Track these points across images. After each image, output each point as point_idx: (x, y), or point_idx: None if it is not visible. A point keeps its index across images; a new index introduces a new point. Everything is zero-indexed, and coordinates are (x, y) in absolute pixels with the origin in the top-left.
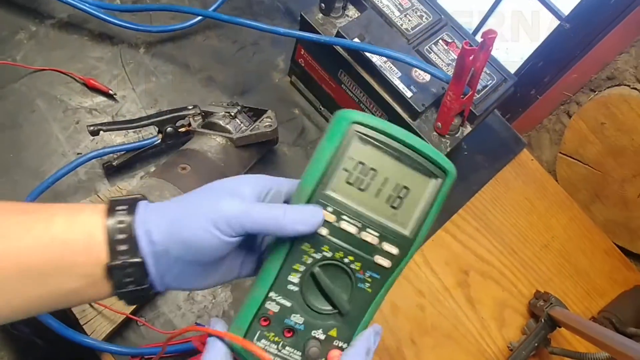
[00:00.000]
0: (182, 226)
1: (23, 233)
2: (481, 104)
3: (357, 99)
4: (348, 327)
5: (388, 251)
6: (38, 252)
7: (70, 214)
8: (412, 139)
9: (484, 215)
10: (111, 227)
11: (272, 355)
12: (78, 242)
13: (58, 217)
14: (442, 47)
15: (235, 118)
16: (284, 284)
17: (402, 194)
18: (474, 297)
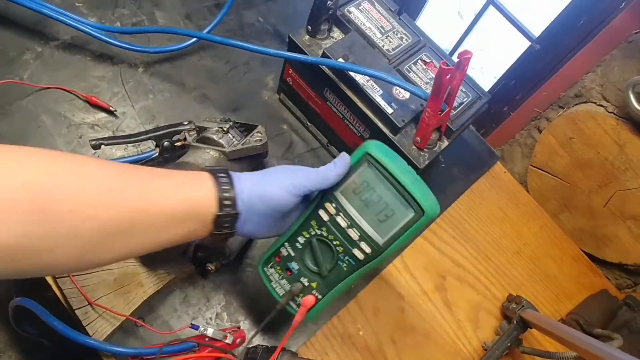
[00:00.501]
0: (264, 187)
1: (171, 192)
2: (457, 120)
3: (342, 115)
4: (324, 287)
5: (363, 249)
6: (179, 205)
7: (195, 178)
8: (406, 177)
9: (460, 224)
10: (219, 189)
11: (274, 280)
12: (201, 199)
13: (188, 181)
14: (421, 67)
15: (228, 133)
16: (294, 241)
17: (388, 213)
18: (451, 300)
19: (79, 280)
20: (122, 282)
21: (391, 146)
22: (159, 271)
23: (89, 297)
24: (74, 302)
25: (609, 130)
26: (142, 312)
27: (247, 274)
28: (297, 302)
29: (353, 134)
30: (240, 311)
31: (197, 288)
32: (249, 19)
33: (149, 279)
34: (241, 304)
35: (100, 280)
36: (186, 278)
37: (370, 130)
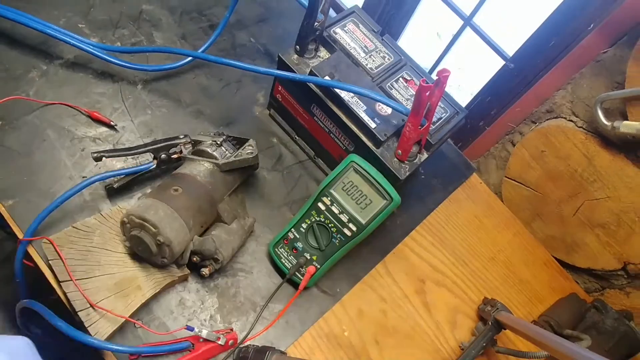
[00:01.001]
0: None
1: None
2: (436, 134)
3: (328, 129)
4: (322, 258)
5: (351, 227)
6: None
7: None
8: (379, 177)
9: (438, 232)
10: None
11: (284, 257)
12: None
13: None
14: (402, 84)
15: (221, 146)
16: (298, 226)
17: (367, 202)
18: (430, 303)
19: (81, 284)
20: (122, 285)
21: (374, 159)
22: (156, 275)
23: (91, 299)
24: (76, 304)
25: (578, 144)
26: (141, 314)
27: (240, 278)
28: (302, 272)
29: (338, 147)
30: (233, 313)
31: (192, 291)
32: (241, 39)
33: (147, 282)
34: (234, 307)
35: (101, 284)
36: (182, 282)
37: (355, 144)
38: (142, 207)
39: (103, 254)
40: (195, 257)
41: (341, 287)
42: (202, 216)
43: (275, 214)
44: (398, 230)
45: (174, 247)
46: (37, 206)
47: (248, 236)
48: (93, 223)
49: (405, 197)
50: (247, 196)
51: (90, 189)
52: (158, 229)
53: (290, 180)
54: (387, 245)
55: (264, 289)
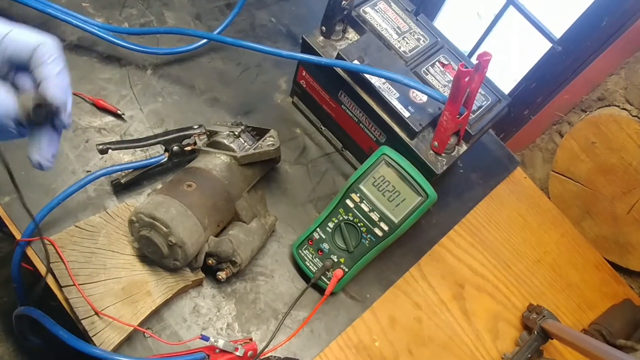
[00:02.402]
0: None
1: None
2: (476, 124)
3: (357, 118)
4: (351, 261)
5: (382, 227)
6: None
7: None
8: (413, 171)
9: (478, 231)
10: None
11: (308, 259)
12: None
13: None
14: (439, 69)
15: (239, 137)
16: (324, 226)
17: (400, 199)
18: (469, 310)
19: (85, 289)
20: (129, 291)
21: (408, 151)
22: (168, 280)
23: (96, 306)
24: (80, 311)
25: (632, 134)
26: (151, 322)
27: (259, 282)
28: (327, 276)
29: (368, 138)
30: (252, 321)
31: (208, 297)
32: (261, 19)
33: (157, 287)
34: (253, 314)
35: (107, 289)
36: (196, 287)
37: (386, 135)
38: (152, 205)
39: (109, 256)
40: (210, 260)
41: (371, 292)
42: (218, 214)
43: (299, 212)
44: (434, 229)
45: (187, 249)
46: (37, 203)
47: (269, 236)
48: (98, 222)
49: (442, 193)
50: (267, 192)
51: (94, 185)
52: (170, 229)
53: (315, 174)
54: (422, 247)
55: (287, 295)
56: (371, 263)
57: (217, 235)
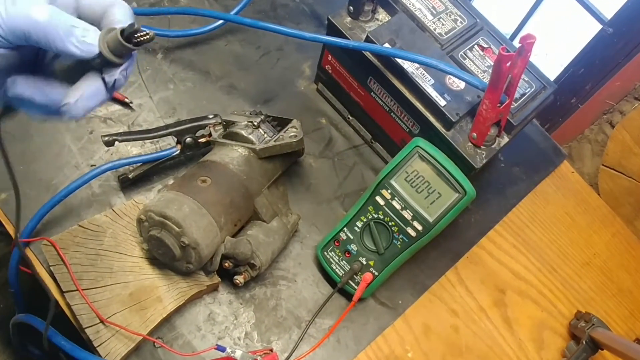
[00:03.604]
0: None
1: None
2: (519, 113)
3: (388, 107)
4: (381, 263)
5: (416, 226)
6: None
7: None
8: (450, 165)
9: (521, 231)
10: None
11: (334, 262)
12: None
13: None
14: (478, 53)
15: (259, 128)
16: (352, 225)
17: (435, 196)
18: (511, 318)
19: (89, 294)
20: (138, 297)
21: (444, 143)
22: (180, 284)
23: (101, 313)
24: (83, 319)
25: None
26: (161, 331)
27: (281, 287)
28: (355, 280)
29: (400, 129)
30: (273, 330)
31: (224, 304)
32: None
33: (169, 293)
34: (274, 322)
35: (113, 294)
36: (211, 292)
37: (420, 125)
38: (162, 202)
39: (115, 259)
40: (227, 263)
41: (404, 298)
42: (236, 213)
43: (324, 210)
44: (472, 229)
45: (202, 250)
46: (37, 200)
47: (291, 237)
48: (103, 221)
49: (481, 189)
50: (290, 188)
51: (100, 180)
52: (182, 228)
53: (342, 169)
54: (460, 248)
55: (311, 301)
56: (403, 266)
57: (235, 236)
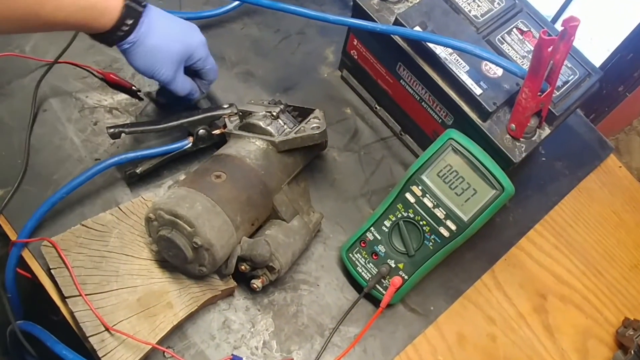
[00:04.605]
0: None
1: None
2: (561, 103)
3: (419, 96)
4: (411, 266)
5: (449, 226)
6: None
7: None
8: (486, 159)
9: (564, 231)
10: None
11: (360, 265)
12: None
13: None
14: (517, 37)
15: (278, 119)
16: (380, 224)
17: (471, 193)
18: (553, 325)
19: (93, 300)
20: (147, 302)
21: (480, 135)
22: (192, 289)
23: (106, 321)
24: (87, 327)
25: None
26: (172, 340)
27: (302, 292)
28: (383, 284)
29: (432, 120)
30: (293, 339)
31: (240, 310)
32: None
33: (180, 299)
34: (294, 330)
35: (120, 300)
36: (226, 298)
37: (454, 116)
38: (173, 199)
39: (122, 261)
40: (243, 265)
41: (436, 304)
42: (253, 211)
43: (349, 208)
44: (511, 229)
45: (216, 252)
46: (36, 197)
47: (313, 237)
48: (109, 220)
49: (520, 185)
50: (311, 185)
51: (105, 175)
52: (194, 228)
53: (369, 163)
54: (497, 250)
55: (334, 307)
56: (435, 269)
57: (252, 236)
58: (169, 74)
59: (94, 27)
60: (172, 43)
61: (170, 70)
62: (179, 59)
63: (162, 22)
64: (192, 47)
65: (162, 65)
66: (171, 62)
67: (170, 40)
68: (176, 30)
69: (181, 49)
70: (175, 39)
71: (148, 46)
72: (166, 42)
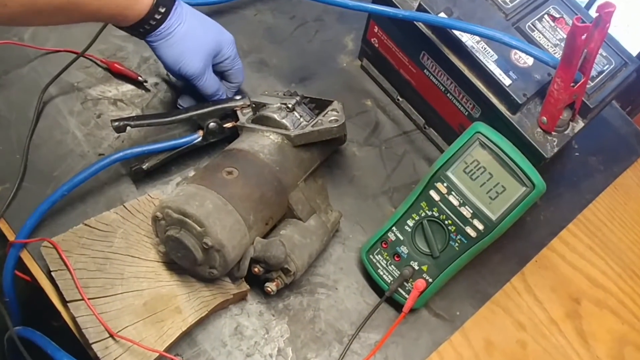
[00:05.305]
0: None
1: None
2: (596, 94)
3: (444, 87)
4: (436, 268)
5: (476, 226)
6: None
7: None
8: (516, 154)
9: (599, 231)
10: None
11: (381, 267)
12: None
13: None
14: (548, 24)
15: (294, 111)
16: (402, 224)
17: (499, 190)
18: (587, 331)
19: (97, 305)
20: (154, 307)
21: (509, 128)
22: (202, 293)
23: (110, 327)
24: (90, 333)
25: None
26: (181, 347)
27: (319, 296)
28: (406, 288)
29: (458, 113)
30: (310, 346)
31: (253, 315)
32: None
33: (189, 303)
34: (311, 337)
35: (125, 305)
36: (238, 302)
37: (482, 108)
38: (182, 197)
39: (127, 263)
40: (257, 268)
41: (462, 309)
42: (267, 209)
43: (370, 207)
44: (542, 229)
45: (227, 253)
46: (36, 195)
47: (331, 238)
48: (113, 219)
49: (552, 182)
50: (329, 181)
51: (109, 172)
52: (205, 228)
53: (390, 159)
54: (527, 251)
55: (354, 312)
56: (462, 272)
57: (266, 236)
58: (199, 66)
59: (128, 16)
60: (204, 35)
61: (200, 63)
62: (209, 52)
63: (193, 14)
64: (222, 43)
65: (192, 57)
66: (202, 54)
67: (203, 31)
68: (208, 24)
69: (212, 42)
70: (207, 31)
71: (179, 36)
72: (198, 33)
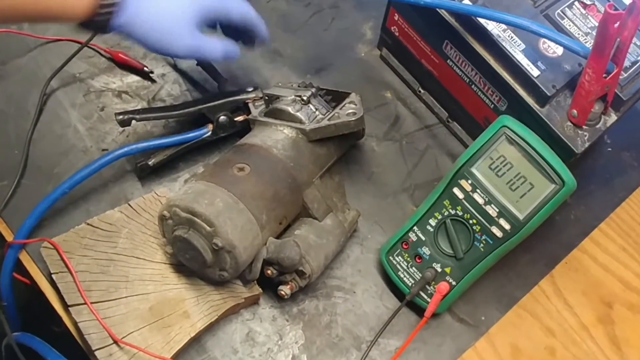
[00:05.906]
0: None
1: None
2: (629, 86)
3: (468, 78)
4: (459, 271)
5: (502, 225)
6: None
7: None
8: (545, 149)
9: (632, 231)
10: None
11: (402, 269)
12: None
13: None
14: (579, 12)
15: (309, 104)
16: (424, 224)
17: (527, 188)
18: (620, 337)
19: (100, 309)
20: (160, 312)
21: (537, 122)
22: (212, 297)
23: (115, 332)
24: (93, 339)
25: None
26: (189, 354)
27: (336, 300)
28: (428, 291)
29: (484, 105)
30: (326, 352)
31: (266, 320)
32: None
33: (198, 307)
34: (327, 343)
35: (130, 309)
36: (250, 306)
37: (508, 100)
38: (190, 195)
39: (132, 265)
40: (270, 270)
41: (487, 313)
42: (281, 208)
43: (390, 205)
44: (572, 229)
45: (239, 255)
46: (36, 192)
47: (348, 238)
48: (117, 218)
49: (583, 179)
50: (347, 178)
51: (113, 168)
52: (214, 228)
53: (411, 154)
54: (556, 252)
55: (373, 317)
56: (487, 274)
57: (279, 237)
58: (186, 42)
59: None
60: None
61: (186, 39)
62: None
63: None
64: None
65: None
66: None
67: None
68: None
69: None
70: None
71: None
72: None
